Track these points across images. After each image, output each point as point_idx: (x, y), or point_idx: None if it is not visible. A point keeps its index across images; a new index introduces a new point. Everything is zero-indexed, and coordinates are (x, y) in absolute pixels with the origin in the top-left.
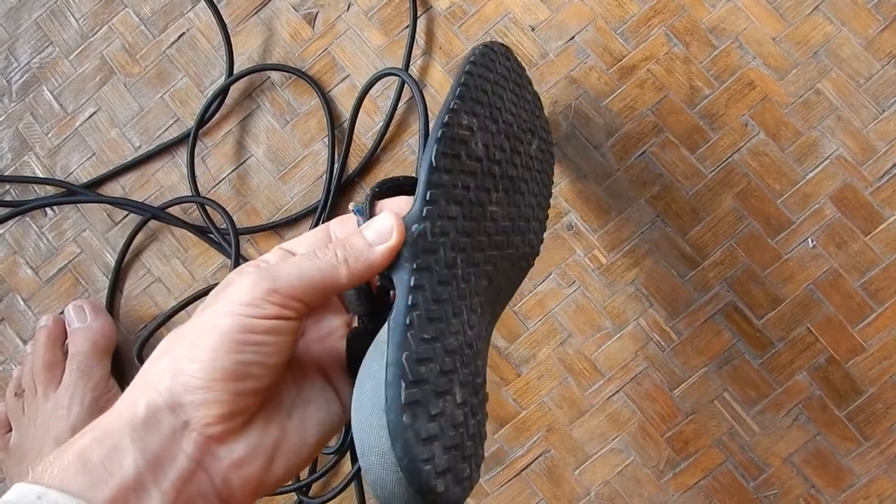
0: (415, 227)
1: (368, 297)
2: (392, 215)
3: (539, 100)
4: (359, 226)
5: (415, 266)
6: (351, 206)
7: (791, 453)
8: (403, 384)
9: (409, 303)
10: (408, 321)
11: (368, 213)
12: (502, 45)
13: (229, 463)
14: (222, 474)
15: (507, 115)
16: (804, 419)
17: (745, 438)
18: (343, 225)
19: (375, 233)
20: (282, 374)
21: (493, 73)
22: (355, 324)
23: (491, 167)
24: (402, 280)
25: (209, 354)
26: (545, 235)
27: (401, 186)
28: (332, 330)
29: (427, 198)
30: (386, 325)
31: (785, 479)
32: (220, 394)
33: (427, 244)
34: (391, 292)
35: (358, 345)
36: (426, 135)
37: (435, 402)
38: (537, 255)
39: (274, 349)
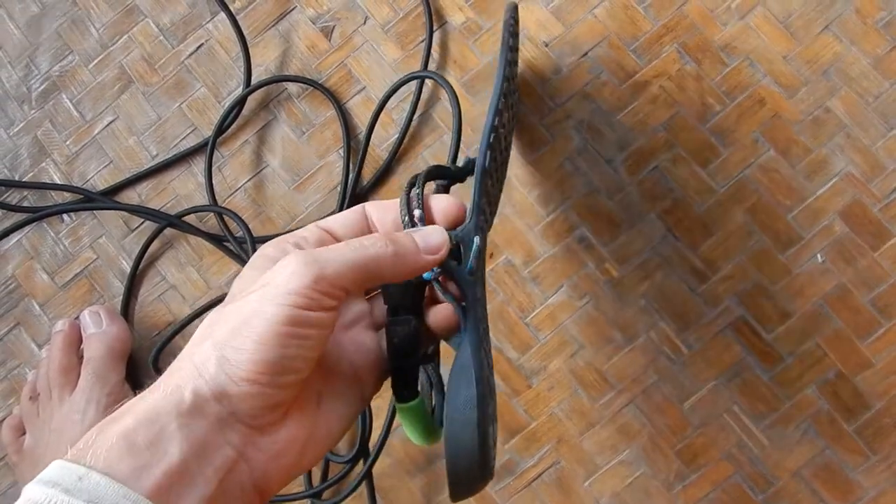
0: (476, 239)
1: (410, 290)
2: (444, 233)
3: (517, 25)
4: (404, 214)
5: (477, 277)
6: (414, 192)
7: (800, 467)
8: (489, 397)
9: (479, 315)
10: (480, 335)
11: (419, 204)
12: (514, 7)
13: (269, 454)
14: (262, 465)
15: (513, 86)
16: (813, 433)
17: (754, 451)
18: (377, 208)
19: (426, 242)
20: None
21: (513, 53)
22: (375, 312)
23: (503, 152)
24: (472, 294)
25: (256, 346)
26: (557, 250)
27: (440, 174)
28: (359, 317)
29: (480, 206)
30: (466, 342)
31: (793, 493)
32: (265, 387)
33: (482, 254)
34: (427, 286)
35: (399, 335)
36: (459, 131)
37: (495, 411)
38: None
39: (316, 342)
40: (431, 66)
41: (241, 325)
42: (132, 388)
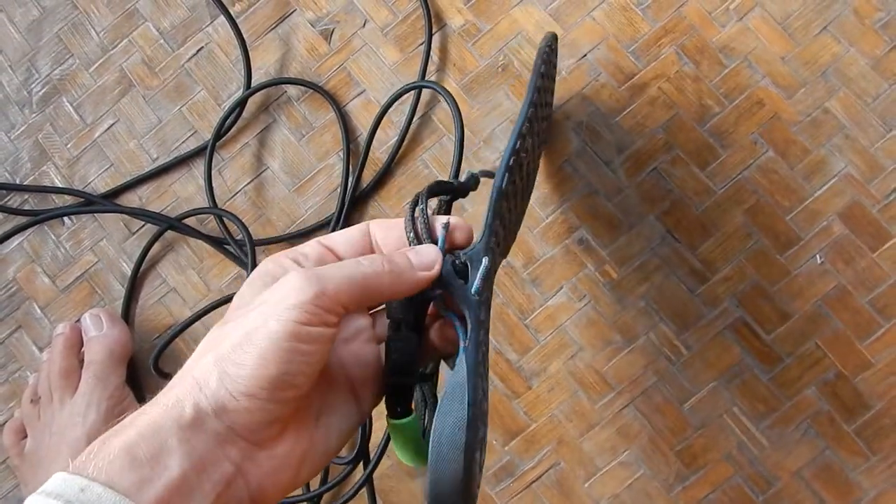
0: (485, 260)
1: (412, 306)
2: (436, 249)
3: (554, 55)
4: (409, 234)
5: (483, 300)
6: (419, 210)
7: (800, 467)
8: (477, 421)
9: (480, 339)
10: (479, 357)
11: (426, 225)
12: (551, 37)
13: (267, 469)
14: (258, 480)
15: (542, 115)
16: (813, 434)
17: (753, 452)
18: (381, 227)
19: (419, 258)
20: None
21: (545, 80)
22: (377, 326)
23: (525, 178)
24: (474, 315)
25: (257, 361)
26: (557, 252)
27: (442, 190)
28: (359, 331)
29: (492, 227)
30: (462, 362)
31: (794, 493)
32: (265, 402)
33: (490, 276)
34: (431, 302)
35: (398, 351)
36: (461, 141)
37: (485, 438)
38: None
39: (317, 358)
40: (430, 69)
41: (242, 340)
42: (133, 391)
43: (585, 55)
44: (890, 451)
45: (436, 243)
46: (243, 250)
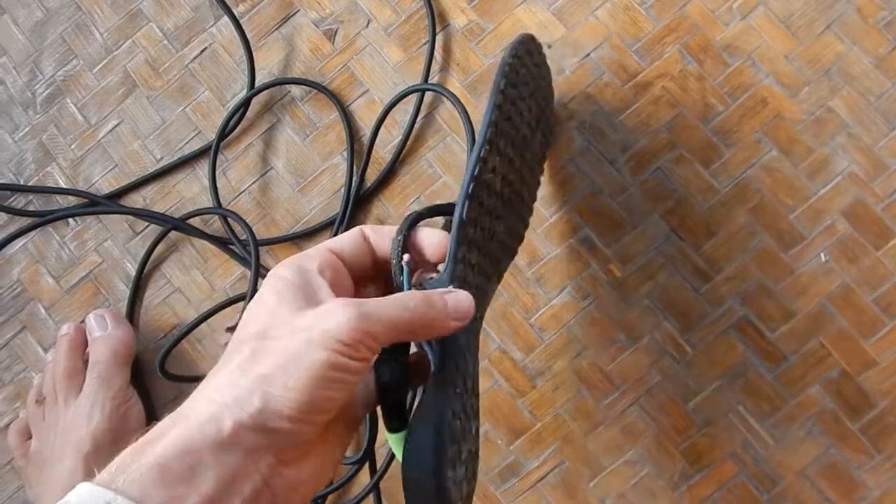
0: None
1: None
2: (470, 299)
3: (549, 72)
4: (394, 257)
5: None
6: (406, 259)
7: (804, 466)
8: (446, 441)
9: (453, 367)
10: (448, 382)
11: (402, 248)
12: (525, 40)
13: (292, 483)
14: (284, 494)
15: (523, 128)
16: (817, 432)
17: (758, 451)
18: (374, 232)
19: (456, 306)
20: None
21: (518, 89)
22: None
23: (504, 195)
24: (450, 340)
25: (303, 385)
26: (561, 251)
27: (439, 212)
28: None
29: (457, 257)
30: (432, 386)
31: (798, 492)
32: (300, 424)
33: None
34: None
35: (386, 373)
36: (472, 142)
37: (460, 454)
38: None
39: (351, 387)
40: (434, 69)
41: (288, 363)
42: (137, 392)
43: (589, 54)
44: (894, 450)
45: (422, 262)
46: (247, 250)
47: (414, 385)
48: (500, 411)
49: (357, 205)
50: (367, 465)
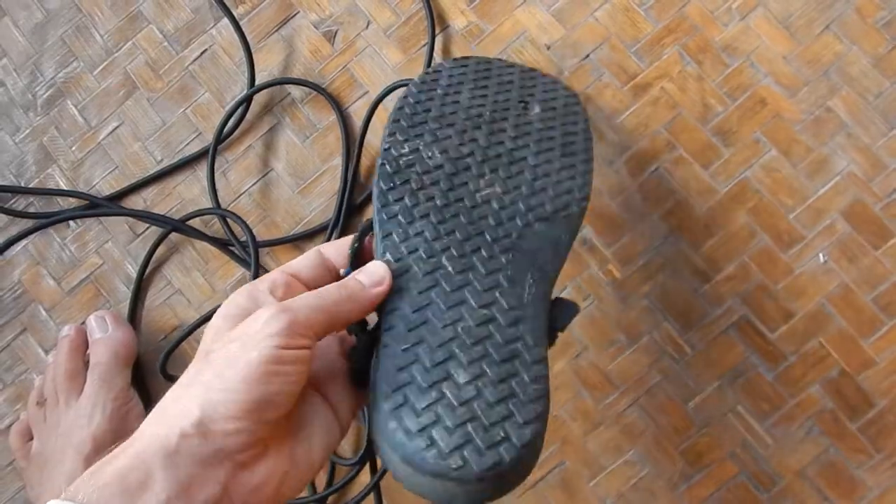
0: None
1: (362, 323)
2: (382, 265)
3: (533, 71)
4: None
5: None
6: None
7: (804, 465)
8: (384, 398)
9: (385, 327)
10: (384, 343)
11: (352, 260)
12: (448, 63)
13: (251, 487)
14: (243, 499)
15: (471, 110)
16: (817, 432)
17: (758, 451)
18: (331, 247)
19: (370, 277)
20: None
21: (435, 91)
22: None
23: (461, 162)
24: (378, 309)
25: (240, 385)
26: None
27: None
28: (329, 346)
29: (383, 235)
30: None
31: (798, 491)
32: (249, 423)
33: (394, 271)
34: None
35: (358, 358)
36: None
37: (425, 395)
38: (586, 199)
39: (296, 378)
40: None
41: (224, 368)
42: (138, 393)
43: (588, 55)
44: (894, 449)
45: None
46: (247, 251)
47: None
48: None
49: (353, 207)
50: (366, 466)
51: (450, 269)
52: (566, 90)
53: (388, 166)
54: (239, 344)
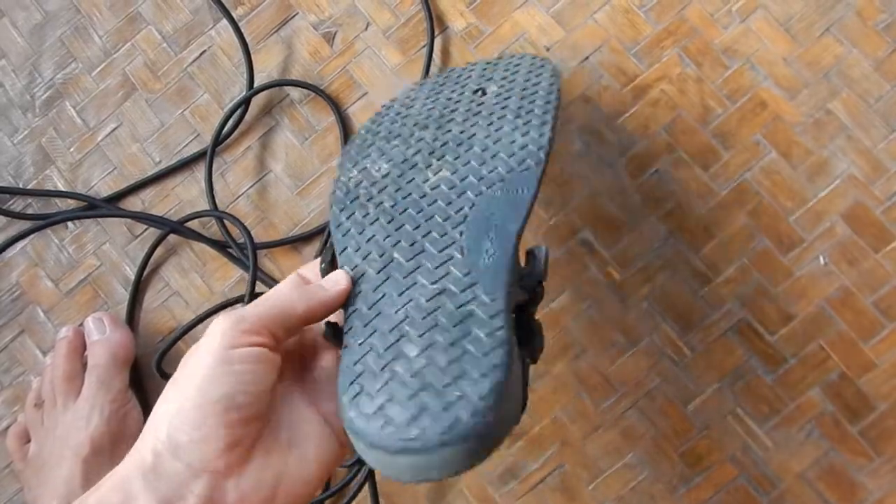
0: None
1: (337, 329)
2: (342, 271)
3: (501, 59)
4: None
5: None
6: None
7: (804, 468)
8: (343, 393)
9: (346, 329)
10: (345, 344)
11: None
12: (407, 87)
13: (236, 497)
14: None
15: (419, 117)
16: (817, 435)
17: (758, 454)
18: (310, 268)
19: (327, 280)
20: (272, 405)
21: (386, 116)
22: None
23: (408, 163)
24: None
25: (195, 392)
26: (560, 254)
27: None
28: (326, 366)
29: (340, 251)
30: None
31: (798, 495)
32: (212, 428)
33: (352, 278)
34: None
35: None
36: None
37: (378, 378)
38: (543, 149)
39: (252, 377)
40: (433, 72)
41: (182, 379)
42: (136, 395)
43: (588, 57)
44: (894, 452)
45: None
46: (244, 253)
47: None
48: None
49: None
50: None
51: (401, 259)
52: (533, 58)
53: (338, 192)
54: (195, 358)
